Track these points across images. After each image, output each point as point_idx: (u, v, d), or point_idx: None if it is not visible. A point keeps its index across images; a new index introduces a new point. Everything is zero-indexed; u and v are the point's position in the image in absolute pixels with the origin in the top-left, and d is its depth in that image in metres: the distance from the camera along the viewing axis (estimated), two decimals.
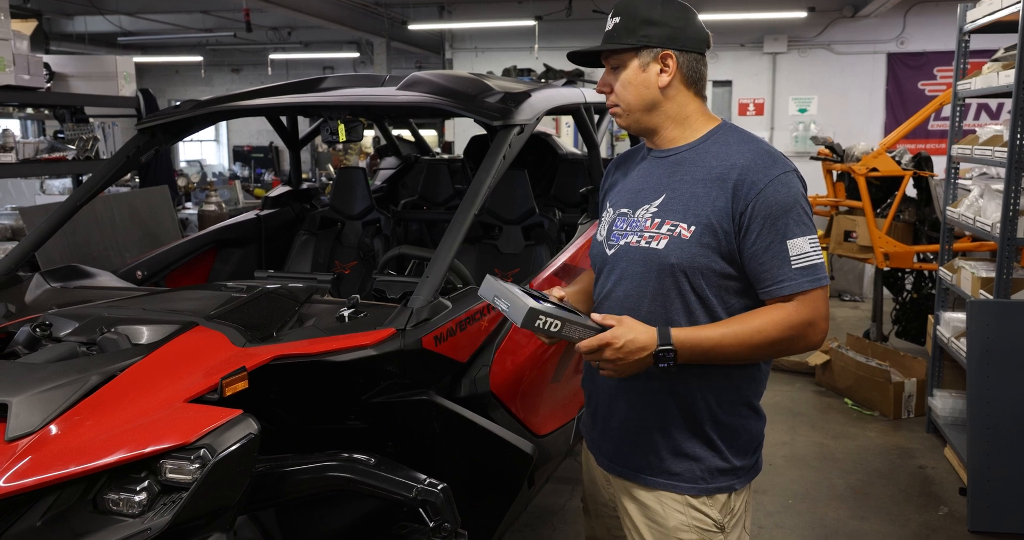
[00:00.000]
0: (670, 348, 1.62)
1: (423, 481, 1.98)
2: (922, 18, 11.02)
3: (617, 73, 1.78)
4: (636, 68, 1.76)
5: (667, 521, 1.79)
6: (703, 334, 1.65)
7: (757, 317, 1.68)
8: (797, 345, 1.69)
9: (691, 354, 1.64)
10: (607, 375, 1.67)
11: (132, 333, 2.06)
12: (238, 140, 16.53)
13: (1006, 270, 3.74)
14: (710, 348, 1.65)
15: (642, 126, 1.82)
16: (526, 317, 1.58)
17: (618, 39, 1.75)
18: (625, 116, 1.81)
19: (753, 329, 1.66)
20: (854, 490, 3.96)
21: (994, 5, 3.96)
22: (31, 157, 4.99)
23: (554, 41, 11.73)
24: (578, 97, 3.46)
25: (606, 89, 1.82)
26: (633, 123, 1.82)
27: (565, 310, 1.66)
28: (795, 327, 1.66)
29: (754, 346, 1.66)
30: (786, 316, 1.66)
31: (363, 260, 3.95)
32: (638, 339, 1.61)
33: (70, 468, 1.58)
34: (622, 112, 1.81)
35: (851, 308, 7.64)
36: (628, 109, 1.80)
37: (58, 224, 2.90)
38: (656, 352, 1.61)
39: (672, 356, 1.62)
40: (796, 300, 1.67)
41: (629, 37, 1.74)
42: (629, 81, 1.77)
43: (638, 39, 1.73)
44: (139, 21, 12.63)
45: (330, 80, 3.41)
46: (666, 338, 1.62)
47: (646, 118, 1.80)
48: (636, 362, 1.62)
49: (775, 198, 1.66)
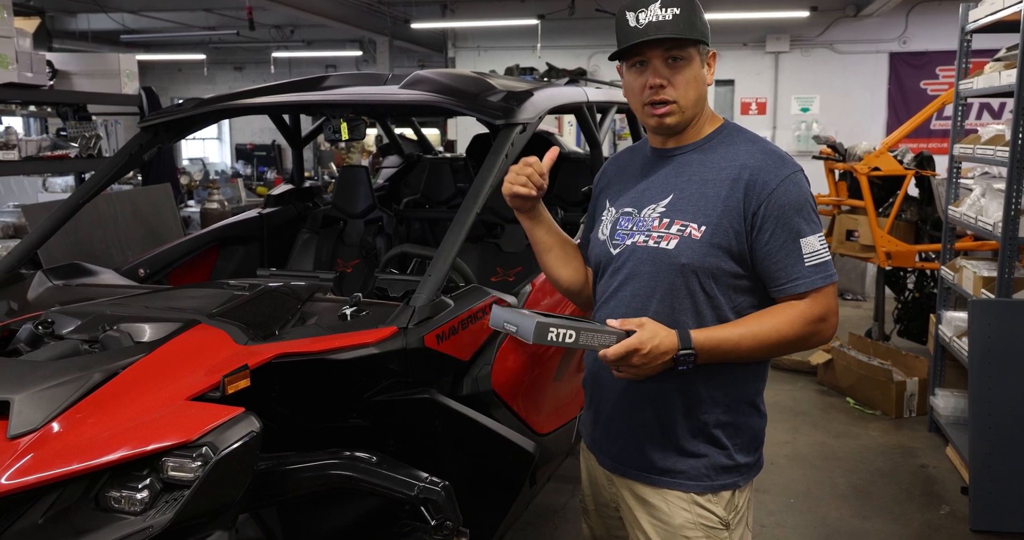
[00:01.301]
0: (691, 352, 1.63)
1: (425, 479, 1.98)
2: (924, 18, 11.01)
3: (678, 67, 1.71)
4: (699, 64, 1.73)
5: (672, 519, 1.79)
6: (721, 336, 1.67)
7: (773, 316, 1.70)
8: (811, 341, 1.73)
9: (710, 356, 1.66)
10: (625, 378, 1.67)
11: (134, 331, 2.06)
12: (241, 138, 16.53)
13: (1008, 269, 3.73)
14: (729, 349, 1.67)
15: (685, 123, 1.77)
16: (536, 332, 1.56)
17: (686, 31, 1.67)
18: (680, 113, 1.74)
19: (771, 328, 1.68)
20: (856, 489, 3.96)
21: (996, 5, 3.95)
22: (34, 155, 4.99)
23: (556, 40, 11.73)
24: (580, 96, 3.46)
25: (663, 82, 1.71)
26: (685, 120, 1.76)
27: (577, 321, 1.66)
28: (810, 323, 1.69)
29: (771, 345, 1.69)
30: (800, 313, 1.69)
31: (365, 259, 3.95)
32: (663, 344, 1.61)
33: (72, 466, 1.58)
34: (680, 108, 1.73)
35: (853, 307, 7.63)
36: (686, 105, 1.73)
37: (60, 222, 2.90)
38: (677, 356, 1.63)
39: (692, 359, 1.64)
40: (810, 297, 1.70)
41: (694, 31, 1.69)
42: (692, 77, 1.72)
43: (701, 34, 1.71)
44: (142, 19, 12.64)
45: (332, 79, 3.41)
46: (687, 342, 1.63)
47: (692, 115, 1.77)
48: (658, 366, 1.63)
49: (787, 198, 1.68)
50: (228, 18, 12.51)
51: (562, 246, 1.99)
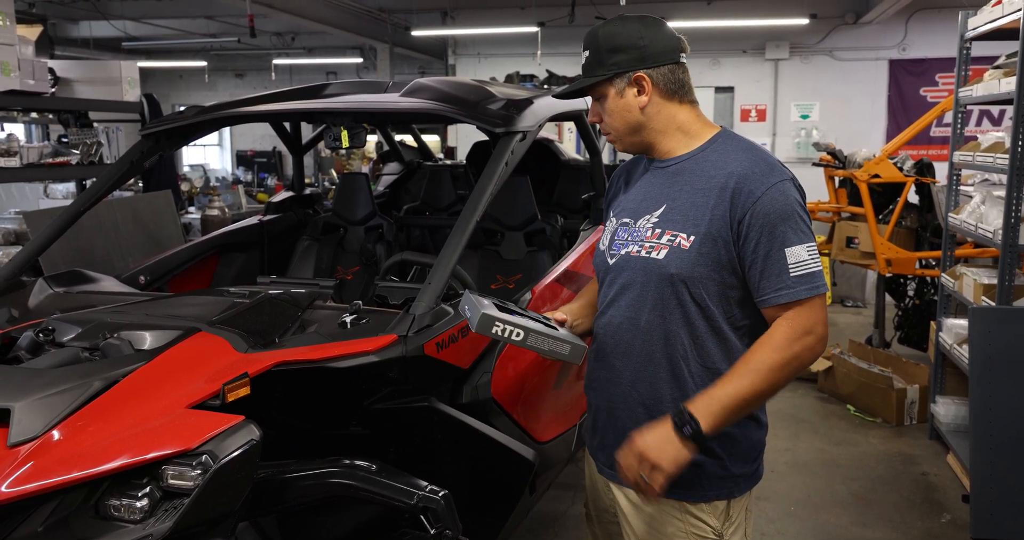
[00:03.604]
0: (682, 410, 1.64)
1: (424, 488, 1.99)
2: (924, 25, 11.03)
3: (601, 103, 1.83)
4: (614, 96, 1.80)
5: (664, 527, 1.80)
6: (717, 393, 1.66)
7: (755, 351, 1.68)
8: (804, 357, 1.69)
9: (719, 414, 1.64)
10: (662, 483, 1.65)
11: (135, 338, 2.06)
12: (242, 145, 16.54)
13: (1008, 277, 3.73)
14: (726, 396, 1.65)
15: (637, 147, 1.87)
16: (480, 323, 1.64)
17: (591, 72, 1.81)
18: (618, 141, 1.87)
19: (757, 362, 1.66)
20: (856, 497, 3.95)
21: (995, 13, 3.96)
22: (35, 161, 5.00)
23: (556, 47, 11.75)
24: (580, 104, 3.47)
25: (596, 119, 1.87)
26: (628, 146, 1.87)
27: (540, 323, 1.70)
28: (795, 340, 1.66)
29: (767, 377, 1.66)
30: (782, 333, 1.67)
31: (365, 266, 3.95)
32: (652, 434, 1.64)
33: (72, 474, 1.59)
34: (614, 138, 1.86)
35: (853, 314, 7.63)
36: (618, 135, 1.85)
37: (62, 229, 2.91)
38: (677, 424, 1.64)
39: (687, 415, 1.64)
40: (793, 310, 1.68)
41: (600, 69, 1.79)
42: (611, 109, 1.82)
43: (608, 68, 1.78)
44: (144, 26, 12.67)
45: (333, 86, 3.41)
46: (682, 415, 1.64)
47: (637, 139, 1.84)
48: (673, 451, 1.63)
49: (772, 206, 1.67)
50: (229, 25, 12.53)
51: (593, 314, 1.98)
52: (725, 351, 1.75)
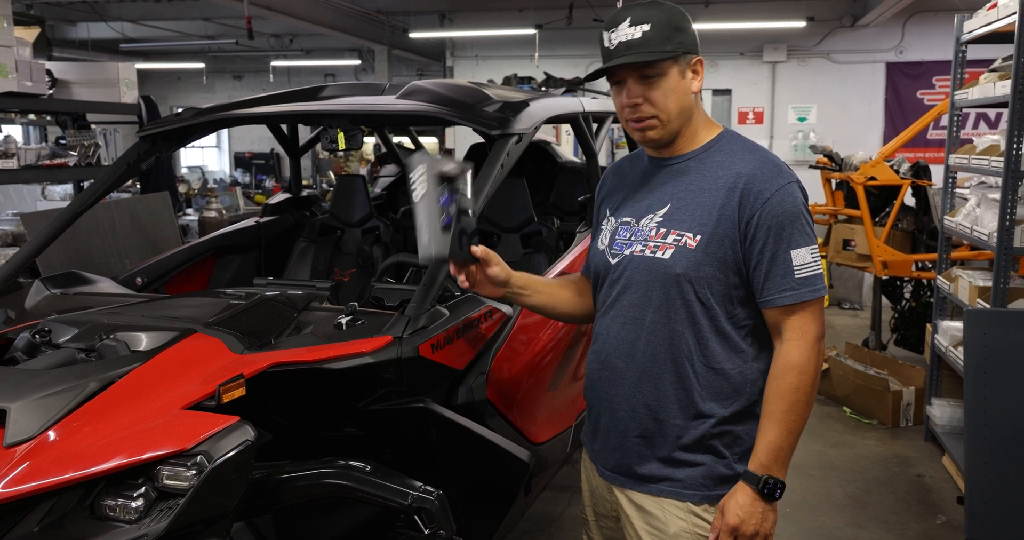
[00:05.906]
0: (764, 476, 1.70)
1: (419, 488, 1.99)
2: (920, 28, 11.06)
3: (652, 82, 1.71)
4: (677, 76, 1.72)
5: (668, 528, 1.79)
6: (774, 441, 1.72)
7: (783, 378, 1.71)
8: (820, 364, 1.73)
9: (786, 460, 1.74)
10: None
11: (131, 340, 2.06)
12: (239, 146, 16.56)
13: (1003, 279, 3.74)
14: (787, 444, 1.73)
15: (672, 134, 1.77)
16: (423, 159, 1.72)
17: (656, 47, 1.69)
18: (663, 126, 1.74)
19: (791, 391, 1.70)
20: (852, 498, 3.96)
21: (990, 16, 3.97)
22: (33, 163, 5.00)
23: (554, 49, 11.77)
24: (576, 106, 3.48)
25: (638, 100, 1.73)
26: (669, 133, 1.76)
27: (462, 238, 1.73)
28: (811, 353, 1.70)
29: (806, 401, 1.72)
30: (800, 352, 1.70)
31: (362, 268, 3.95)
32: (741, 509, 1.70)
33: (68, 474, 1.59)
34: (662, 122, 1.74)
35: (850, 316, 7.64)
36: (669, 118, 1.74)
37: (59, 230, 2.91)
38: (761, 489, 1.70)
39: (772, 481, 1.71)
40: (796, 316, 1.70)
41: (667, 45, 1.70)
42: (672, 89, 1.72)
43: (675, 46, 1.71)
44: (141, 28, 12.69)
45: (330, 88, 3.42)
46: (766, 483, 1.70)
47: (678, 125, 1.76)
48: (771, 515, 1.73)
49: (781, 208, 1.68)
50: (227, 27, 12.55)
51: (555, 296, 1.99)
52: (728, 351, 1.75)
